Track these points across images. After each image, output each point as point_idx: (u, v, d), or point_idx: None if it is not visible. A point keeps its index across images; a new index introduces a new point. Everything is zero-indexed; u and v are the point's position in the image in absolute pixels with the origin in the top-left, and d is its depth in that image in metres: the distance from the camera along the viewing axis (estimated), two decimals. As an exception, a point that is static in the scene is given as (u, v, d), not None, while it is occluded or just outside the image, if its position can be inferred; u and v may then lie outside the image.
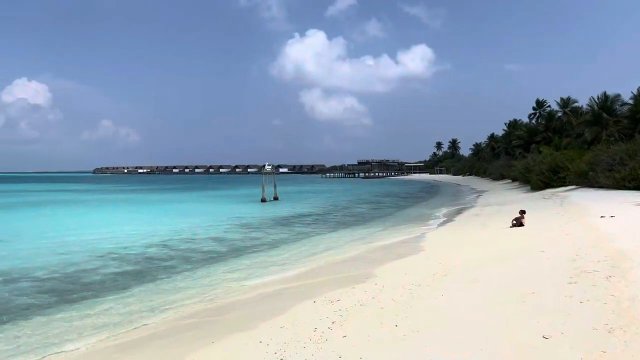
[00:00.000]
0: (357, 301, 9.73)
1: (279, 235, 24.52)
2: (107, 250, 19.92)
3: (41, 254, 19.31)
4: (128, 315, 10.98)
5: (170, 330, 9.75)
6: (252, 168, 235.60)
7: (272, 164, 59.78)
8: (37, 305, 11.98)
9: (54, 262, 17.38)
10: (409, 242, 19.50)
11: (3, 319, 10.80)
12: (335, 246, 20.38)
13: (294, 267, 15.84)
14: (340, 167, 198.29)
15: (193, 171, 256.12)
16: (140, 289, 13.69)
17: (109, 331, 9.85)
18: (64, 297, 12.72)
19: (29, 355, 8.63)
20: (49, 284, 14.16)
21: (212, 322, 10.02)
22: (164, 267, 16.80)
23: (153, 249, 20.60)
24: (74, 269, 16.38)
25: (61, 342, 9.25)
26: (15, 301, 12.38)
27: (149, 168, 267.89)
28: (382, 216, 34.12)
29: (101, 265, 17.09)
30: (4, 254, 19.23)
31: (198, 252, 19.72)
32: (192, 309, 11.23)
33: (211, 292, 12.81)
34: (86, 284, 14.25)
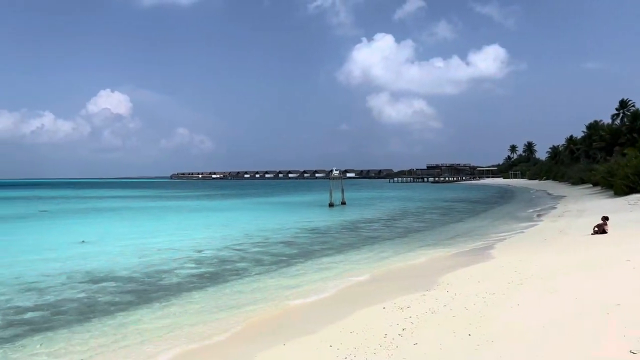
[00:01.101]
0: (428, 308, 9.55)
1: (346, 240, 24.56)
2: (183, 253, 20.76)
3: (123, 255, 20.45)
4: (203, 315, 11.40)
5: (242, 330, 10.02)
6: (319, 173, 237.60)
7: (339, 169, 60.15)
8: (120, 304, 12.69)
9: (134, 264, 18.34)
10: (480, 249, 18.92)
11: (89, 317, 11.52)
12: (403, 252, 20.13)
13: (362, 272, 15.80)
14: (409, 171, 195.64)
15: (263, 176, 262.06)
16: (214, 289, 14.18)
17: (185, 330, 10.26)
18: (144, 297, 13.38)
19: (110, 353, 9.14)
20: (130, 285, 14.96)
21: (282, 323, 10.19)
22: (236, 269, 17.29)
23: (226, 251, 21.26)
24: (153, 270, 17.21)
25: (142, 341, 9.73)
26: (100, 299, 13.18)
27: (221, 173, 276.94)
28: (453, 222, 33.31)
29: (178, 267, 17.85)
30: (90, 255, 20.52)
31: (268, 255, 20.13)
32: (263, 310, 11.47)
33: (281, 294, 13.04)
34: (164, 285, 14.93)
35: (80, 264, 18.45)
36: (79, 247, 23.00)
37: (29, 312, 11.94)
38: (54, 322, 11.16)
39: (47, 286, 14.76)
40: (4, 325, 10.88)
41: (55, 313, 11.86)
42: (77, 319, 11.37)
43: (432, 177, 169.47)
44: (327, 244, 23.14)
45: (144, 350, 9.06)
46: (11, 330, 10.56)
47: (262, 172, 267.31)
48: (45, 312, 11.94)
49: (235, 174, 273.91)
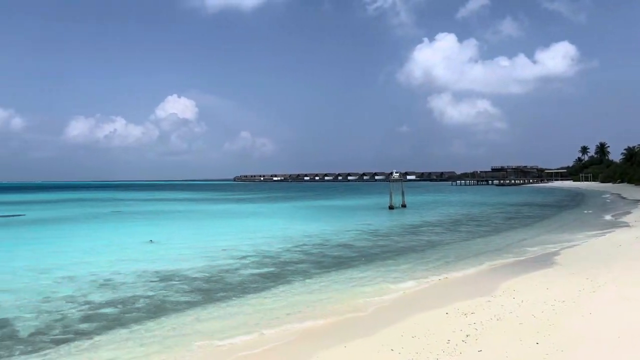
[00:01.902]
0: (494, 315, 9.29)
1: (407, 243, 24.27)
2: (246, 254, 21.25)
3: (189, 255, 21.18)
4: (264, 314, 11.62)
5: (302, 330, 10.13)
6: (379, 175, 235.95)
7: (399, 172, 59.43)
8: (186, 303, 13.16)
9: (199, 264, 18.96)
10: (548, 255, 18.17)
11: (159, 314, 12.03)
12: (467, 256, 19.65)
13: (423, 276, 15.58)
14: (472, 174, 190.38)
15: (323, 179, 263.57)
16: (276, 290, 14.43)
17: (247, 329, 10.50)
18: (210, 296, 13.82)
19: (178, 349, 9.50)
20: (196, 283, 15.48)
21: (343, 325, 10.23)
22: (297, 270, 17.50)
23: (287, 253, 21.56)
24: (218, 269, 17.73)
25: (207, 339, 10.05)
26: (168, 298, 13.72)
27: (282, 176, 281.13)
28: (518, 227, 32.14)
29: (241, 267, 18.29)
30: (158, 255, 21.42)
31: (329, 257, 20.24)
32: (324, 311, 11.55)
33: (341, 296, 13.08)
34: (229, 284, 15.35)
35: (148, 262, 19.30)
36: (148, 247, 24.06)
37: (103, 308, 12.62)
38: (126, 318, 11.74)
39: (120, 283, 15.56)
40: (82, 320, 11.56)
41: (127, 310, 12.47)
42: (148, 315, 11.90)
43: (497, 179, 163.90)
44: (388, 247, 22.96)
45: (210, 348, 9.36)
46: (88, 324, 11.21)
47: (322, 175, 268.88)
48: (118, 308, 12.58)
49: (295, 176, 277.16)
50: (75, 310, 12.35)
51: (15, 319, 11.61)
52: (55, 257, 20.99)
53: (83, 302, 13.18)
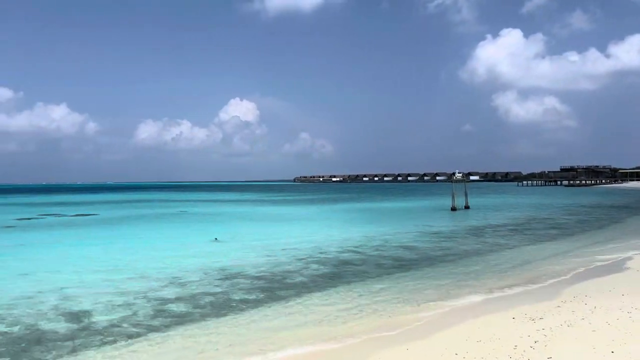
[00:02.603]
0: (564, 321, 8.92)
1: (471, 246, 23.69)
2: (307, 254, 21.49)
3: (252, 254, 21.68)
4: (326, 314, 11.71)
5: (363, 330, 10.12)
6: (440, 176, 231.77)
7: (462, 172, 58.16)
8: (250, 301, 13.49)
9: (262, 262, 19.37)
10: (622, 260, 17.20)
11: (224, 312, 12.39)
12: (533, 260, 18.95)
13: (487, 280, 15.17)
14: (540, 174, 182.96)
15: (382, 179, 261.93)
16: (336, 290, 14.50)
17: (308, 328, 10.63)
18: (273, 295, 14.08)
19: (241, 346, 9.76)
20: (259, 282, 15.83)
21: (405, 327, 10.13)
22: (357, 271, 17.51)
23: (347, 253, 21.61)
24: (279, 269, 18.04)
25: (268, 337, 10.27)
26: (233, 295, 14.11)
27: (341, 177, 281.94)
28: (590, 230, 30.61)
29: (302, 267, 18.52)
30: (222, 253, 22.06)
31: (389, 259, 20.10)
32: (383, 312, 11.49)
33: (403, 299, 12.96)
34: (290, 284, 15.58)
35: (214, 260, 19.92)
36: (213, 245, 24.84)
37: (172, 304, 13.15)
38: (193, 314, 12.19)
39: (187, 280, 16.16)
40: (152, 315, 12.10)
41: (194, 306, 12.94)
42: (213, 312, 12.30)
43: (567, 180, 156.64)
44: (450, 250, 22.51)
45: (273, 346, 9.55)
46: (158, 320, 11.73)
47: (381, 175, 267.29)
48: (185, 304, 13.08)
49: (354, 177, 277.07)
50: (146, 306, 12.94)
51: (91, 313, 12.32)
52: (127, 255, 22.09)
53: (153, 298, 13.78)
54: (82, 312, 12.34)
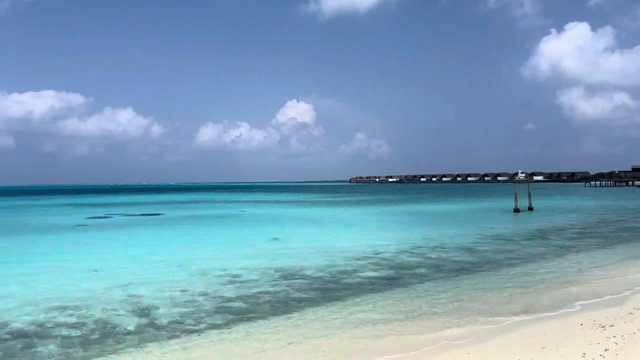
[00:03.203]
0: (637, 329, 8.43)
1: (535, 249, 22.81)
2: (364, 255, 21.41)
3: (309, 255, 21.84)
4: (382, 315, 11.62)
5: (420, 331, 9.97)
6: (502, 176, 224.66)
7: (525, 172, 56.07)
8: (307, 300, 13.60)
9: (320, 263, 19.48)
10: None
11: (282, 311, 12.56)
12: (604, 264, 18.02)
13: (552, 284, 14.56)
14: (609, 174, 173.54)
15: (440, 180, 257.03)
16: (393, 293, 14.35)
17: (366, 328, 10.59)
18: (330, 295, 14.14)
19: (299, 346, 9.85)
20: (317, 282, 15.93)
21: (465, 331, 9.90)
22: (415, 274, 17.26)
23: (404, 256, 21.35)
24: (336, 270, 18.08)
25: (328, 336, 10.32)
26: (291, 295, 14.28)
27: (398, 177, 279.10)
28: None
29: (359, 268, 18.47)
30: (281, 253, 22.36)
31: (448, 262, 19.69)
32: (441, 316, 11.27)
33: (463, 303, 12.66)
34: (347, 285, 15.58)
35: (273, 260, 20.24)
36: (272, 245, 25.24)
37: (232, 302, 13.48)
38: (253, 312, 12.43)
39: (246, 279, 16.51)
40: (214, 312, 12.45)
41: (253, 304, 13.20)
42: (272, 311, 12.50)
43: (639, 180, 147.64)
44: (513, 253, 21.76)
45: (329, 347, 9.58)
46: (219, 317, 12.05)
47: (439, 176, 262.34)
48: (245, 302, 13.36)
49: (411, 177, 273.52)
50: (207, 303, 13.34)
51: (155, 308, 12.84)
52: (189, 253, 22.84)
53: (214, 296, 14.18)
54: (148, 308, 12.87)
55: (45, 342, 10.24)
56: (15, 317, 12.10)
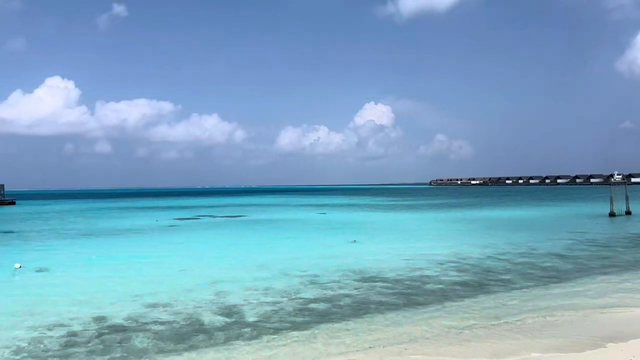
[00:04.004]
0: None
1: (634, 256, 21.14)
2: (446, 259, 20.86)
3: (389, 258, 21.62)
4: (464, 322, 11.25)
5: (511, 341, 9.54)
6: (595, 178, 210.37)
7: (622, 173, 52.13)
8: (388, 304, 13.45)
9: (400, 266, 19.23)
10: None
11: (362, 314, 12.51)
12: None
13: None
14: None
15: (527, 182, 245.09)
16: (477, 300, 13.85)
17: (450, 335, 10.30)
18: (411, 300, 13.90)
19: (384, 347, 9.75)
20: (397, 286, 15.72)
21: (550, 339, 9.35)
22: (501, 280, 16.56)
23: (489, 261, 20.56)
24: (417, 274, 17.75)
25: (410, 341, 10.14)
26: (371, 298, 14.20)
27: (481, 179, 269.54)
28: None
29: (441, 272, 18.02)
30: (360, 255, 22.31)
31: (537, 268, 18.71)
32: (524, 326, 10.71)
33: (552, 312, 11.96)
34: (428, 290, 15.25)
35: (352, 262, 20.26)
36: (351, 247, 25.27)
37: (313, 303, 13.63)
38: (334, 313, 12.51)
39: (327, 280, 16.64)
40: (296, 312, 12.67)
41: (334, 306, 13.27)
42: (352, 313, 12.50)
43: None
44: (609, 260, 20.29)
45: (412, 351, 9.41)
46: (301, 317, 12.24)
47: (526, 178, 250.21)
48: (326, 304, 13.47)
49: (495, 179, 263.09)
50: (290, 303, 13.59)
51: (240, 307, 13.26)
52: (271, 254, 23.41)
53: (296, 296, 14.42)
54: (233, 306, 13.33)
55: (140, 335, 10.89)
56: (114, 311, 12.98)
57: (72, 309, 13.23)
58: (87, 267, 20.86)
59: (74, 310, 13.08)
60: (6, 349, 10.12)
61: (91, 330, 11.29)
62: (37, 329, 11.41)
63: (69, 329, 11.40)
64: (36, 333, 11.14)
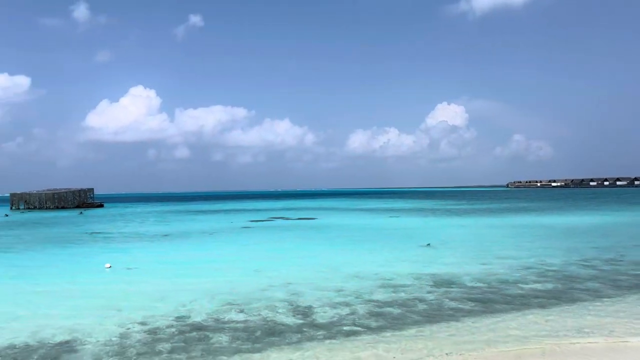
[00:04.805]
0: None
1: None
2: (525, 265, 19.95)
3: (465, 262, 20.97)
4: (550, 332, 10.68)
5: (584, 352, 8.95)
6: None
7: None
8: (464, 310, 13.04)
9: (477, 271, 18.59)
10: None
11: (438, 320, 12.20)
12: None
13: None
14: None
15: (614, 184, 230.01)
16: (560, 307, 13.15)
17: (524, 342, 9.83)
18: (489, 307, 13.39)
19: (463, 354, 9.47)
20: (474, 292, 15.20)
21: None
22: (586, 288, 15.57)
23: (573, 267, 19.44)
24: (495, 279, 17.10)
25: (489, 347, 9.78)
26: (446, 303, 13.83)
27: (562, 181, 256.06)
28: None
29: (520, 278, 17.25)
30: (434, 259, 21.81)
31: (627, 275, 17.49)
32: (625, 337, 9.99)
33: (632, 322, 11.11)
34: (508, 296, 14.64)
35: (426, 266, 19.85)
36: (425, 251, 24.78)
37: (386, 307, 13.47)
38: (407, 318, 12.30)
39: (400, 284, 16.41)
40: (369, 316, 12.57)
41: (407, 310, 13.04)
42: (427, 319, 12.22)
43: None
44: None
45: (491, 359, 9.09)
46: (374, 320, 12.13)
47: (613, 179, 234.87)
48: (399, 308, 13.27)
49: (578, 181, 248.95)
50: (362, 306, 13.52)
51: (314, 308, 13.37)
52: (343, 257, 23.44)
53: (368, 299, 14.33)
54: (307, 307, 13.46)
55: (217, 334, 11.25)
56: (193, 310, 13.50)
57: (156, 306, 13.93)
58: (168, 266, 21.87)
59: (157, 308, 13.75)
60: (97, 342, 10.81)
61: (173, 328, 11.81)
62: (125, 325, 12.09)
63: (153, 325, 11.99)
64: (123, 328, 11.81)
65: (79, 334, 11.40)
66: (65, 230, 43.36)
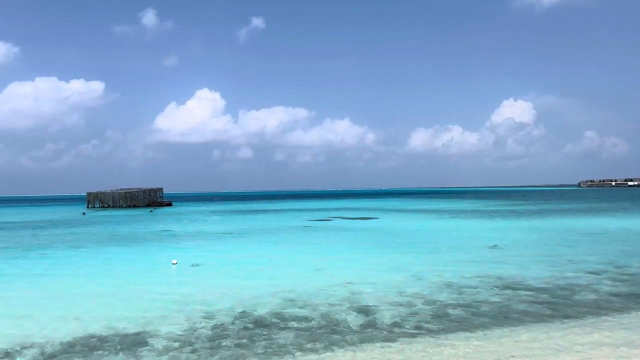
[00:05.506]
0: None
1: None
2: (599, 267, 18.94)
3: (533, 264, 20.14)
4: (619, 338, 10.08)
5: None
6: None
7: None
8: (533, 314, 12.53)
9: (545, 274, 17.83)
10: None
11: (504, 323, 11.81)
12: None
13: None
14: None
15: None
16: (637, 314, 12.36)
17: (596, 350, 9.31)
18: (559, 310, 12.81)
19: (530, 358, 9.11)
20: (543, 295, 14.57)
21: None
22: (668, 294, 14.58)
23: (653, 271, 18.24)
24: (565, 282, 16.33)
25: (558, 353, 9.36)
26: (513, 306, 13.34)
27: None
28: None
29: (593, 282, 16.39)
30: (500, 260, 21.09)
31: None
32: None
33: None
34: (579, 300, 13.95)
35: (492, 268, 19.23)
36: (491, 252, 24.03)
37: (449, 308, 13.18)
38: (472, 321, 11.97)
39: (464, 285, 16.01)
40: (431, 318, 12.35)
41: (472, 313, 12.70)
42: (493, 322, 11.85)
43: None
44: None
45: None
46: (437, 323, 11.90)
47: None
48: (464, 310, 12.94)
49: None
50: (425, 307, 13.30)
51: (375, 308, 13.29)
52: (404, 256, 23.13)
53: (431, 300, 14.08)
54: (368, 307, 13.40)
55: (280, 331, 11.42)
56: (257, 306, 13.78)
57: (220, 302, 14.33)
58: (231, 263, 22.45)
59: (221, 304, 14.14)
60: (166, 336, 11.26)
61: (236, 324, 12.10)
62: (191, 319, 12.53)
63: (217, 321, 12.34)
64: (190, 323, 12.24)
65: (150, 327, 11.93)
66: (136, 228, 45.49)
